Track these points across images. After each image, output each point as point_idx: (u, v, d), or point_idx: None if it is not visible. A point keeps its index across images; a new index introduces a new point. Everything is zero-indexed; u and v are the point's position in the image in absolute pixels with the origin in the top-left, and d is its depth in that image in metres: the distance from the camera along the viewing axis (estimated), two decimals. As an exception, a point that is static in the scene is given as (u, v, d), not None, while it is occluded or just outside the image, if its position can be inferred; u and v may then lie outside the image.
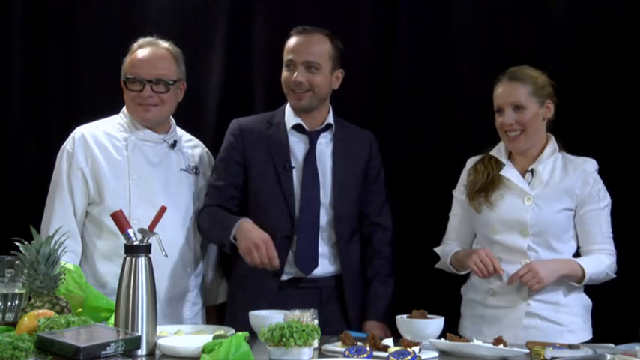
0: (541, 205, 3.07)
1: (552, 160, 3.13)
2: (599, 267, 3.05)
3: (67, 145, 3.24)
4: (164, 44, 3.28)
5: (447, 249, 3.27)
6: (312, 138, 3.28)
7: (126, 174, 3.20)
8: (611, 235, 3.11)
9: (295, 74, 3.23)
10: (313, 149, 3.27)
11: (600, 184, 3.12)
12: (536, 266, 2.98)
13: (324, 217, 3.24)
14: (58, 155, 3.25)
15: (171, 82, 3.23)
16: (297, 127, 3.29)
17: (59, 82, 3.97)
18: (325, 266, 3.24)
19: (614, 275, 3.09)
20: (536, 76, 3.13)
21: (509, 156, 3.20)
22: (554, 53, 3.57)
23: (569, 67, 3.53)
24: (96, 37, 3.95)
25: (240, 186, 3.27)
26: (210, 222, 3.24)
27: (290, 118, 3.29)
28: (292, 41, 3.27)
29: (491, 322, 3.10)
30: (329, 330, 2.78)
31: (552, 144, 3.15)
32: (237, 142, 3.30)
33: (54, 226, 3.01)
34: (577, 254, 3.11)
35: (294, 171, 3.24)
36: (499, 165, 3.18)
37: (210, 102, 3.87)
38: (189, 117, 3.49)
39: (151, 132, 3.27)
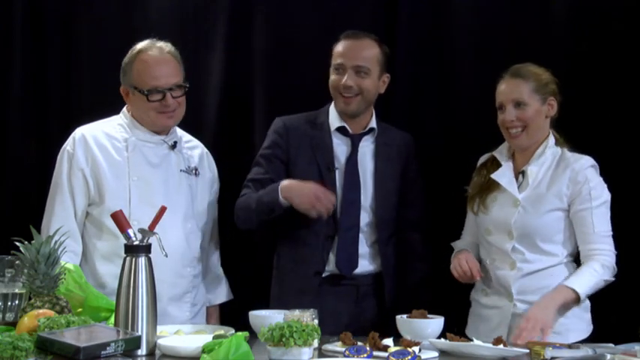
0: (527, 207, 3.06)
1: (549, 159, 3.11)
2: (592, 280, 2.97)
3: (68, 145, 3.24)
4: (166, 48, 3.25)
5: (458, 245, 3.27)
6: (355, 141, 3.32)
7: (126, 174, 3.19)
8: (609, 233, 3.05)
9: (345, 78, 3.25)
10: (355, 152, 3.31)
11: (594, 183, 3.06)
12: (534, 315, 2.87)
13: (365, 218, 3.29)
14: (59, 156, 3.25)
15: (186, 86, 3.24)
16: (341, 129, 3.32)
17: (59, 83, 3.97)
18: (364, 266, 3.29)
19: (614, 278, 3.03)
20: (539, 74, 3.12)
21: (513, 155, 3.19)
22: (554, 53, 3.56)
23: (569, 67, 3.52)
24: (96, 38, 3.95)
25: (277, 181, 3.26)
26: (251, 199, 3.23)
27: (334, 120, 3.33)
28: (342, 45, 3.30)
29: (484, 321, 3.11)
30: (362, 323, 2.92)
31: (547, 142, 3.13)
32: (282, 139, 3.32)
33: (54, 226, 3.00)
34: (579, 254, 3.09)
35: (336, 172, 3.27)
36: (500, 166, 3.17)
37: (210, 102, 3.86)
38: (189, 117, 3.47)
39: (152, 133, 3.27)
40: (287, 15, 3.83)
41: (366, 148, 3.34)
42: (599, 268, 2.98)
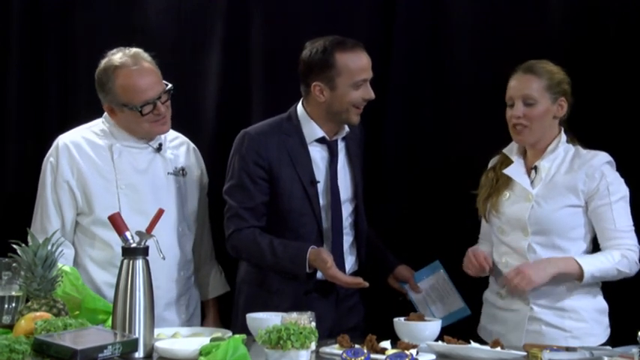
0: (541, 202, 3.01)
1: (561, 155, 3.06)
2: (604, 264, 2.93)
3: (51, 156, 3.21)
4: (138, 55, 3.20)
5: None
6: (333, 148, 3.23)
7: (113, 183, 3.18)
8: (632, 228, 2.99)
9: (370, 91, 3.17)
10: (335, 159, 3.23)
11: (611, 178, 2.99)
12: (524, 268, 2.92)
13: (347, 220, 3.25)
14: (42, 166, 3.23)
15: (171, 88, 3.22)
16: (319, 138, 3.23)
17: (56, 83, 3.96)
18: (347, 270, 3.23)
19: (633, 273, 2.97)
20: (553, 72, 3.07)
21: (525, 152, 3.13)
22: (553, 53, 3.55)
23: (569, 67, 3.51)
24: (93, 38, 3.94)
25: (267, 202, 3.19)
26: (263, 247, 3.13)
27: (312, 130, 3.21)
28: (361, 58, 3.18)
29: (499, 323, 3.07)
30: (346, 324, 2.87)
31: (559, 138, 3.08)
32: (260, 156, 3.17)
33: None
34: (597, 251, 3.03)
35: (319, 185, 3.20)
36: (510, 163, 3.12)
37: (209, 104, 3.85)
38: (187, 119, 3.48)
39: (137, 138, 3.24)
40: (285, 17, 3.82)
41: (341, 151, 3.27)
42: (617, 256, 2.94)
